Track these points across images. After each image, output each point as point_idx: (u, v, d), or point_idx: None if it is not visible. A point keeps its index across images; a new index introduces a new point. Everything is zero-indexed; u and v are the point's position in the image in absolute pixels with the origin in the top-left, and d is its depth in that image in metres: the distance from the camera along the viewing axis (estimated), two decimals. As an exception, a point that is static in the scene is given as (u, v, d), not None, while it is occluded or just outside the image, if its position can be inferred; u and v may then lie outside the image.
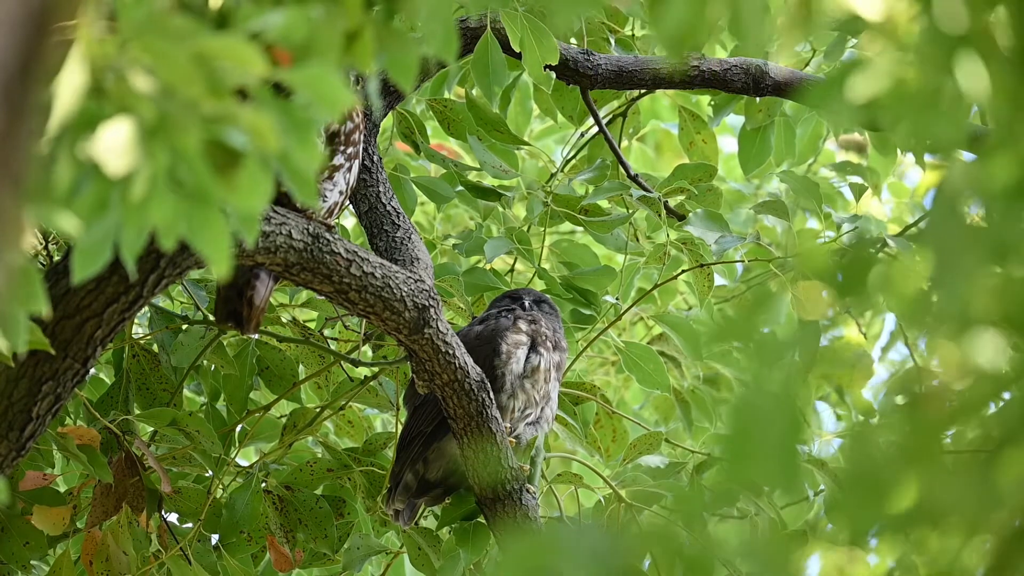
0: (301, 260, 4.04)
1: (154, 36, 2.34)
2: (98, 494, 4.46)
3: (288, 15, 2.44)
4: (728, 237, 4.78)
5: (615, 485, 4.67)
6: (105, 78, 2.38)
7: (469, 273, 5.06)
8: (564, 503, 4.72)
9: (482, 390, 4.35)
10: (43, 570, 4.68)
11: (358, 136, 4.23)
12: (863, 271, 2.19)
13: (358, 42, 2.55)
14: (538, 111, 5.52)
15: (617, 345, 5.01)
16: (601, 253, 5.39)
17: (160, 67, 2.36)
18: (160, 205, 2.41)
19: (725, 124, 6.31)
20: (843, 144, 6.62)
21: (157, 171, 2.39)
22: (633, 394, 6.52)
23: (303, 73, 2.43)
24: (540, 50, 4.53)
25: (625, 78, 4.91)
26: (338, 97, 2.44)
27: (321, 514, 4.68)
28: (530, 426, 4.55)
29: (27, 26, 2.18)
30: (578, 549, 2.19)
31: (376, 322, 4.20)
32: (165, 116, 2.38)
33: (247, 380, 4.82)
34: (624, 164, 5.13)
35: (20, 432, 3.88)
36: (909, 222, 6.75)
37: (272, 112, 2.43)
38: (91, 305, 3.87)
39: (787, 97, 4.90)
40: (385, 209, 4.61)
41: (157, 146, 2.39)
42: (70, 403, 4.51)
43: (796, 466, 2.19)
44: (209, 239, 2.46)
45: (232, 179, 2.42)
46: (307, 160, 2.47)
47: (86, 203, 2.42)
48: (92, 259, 2.47)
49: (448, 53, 2.64)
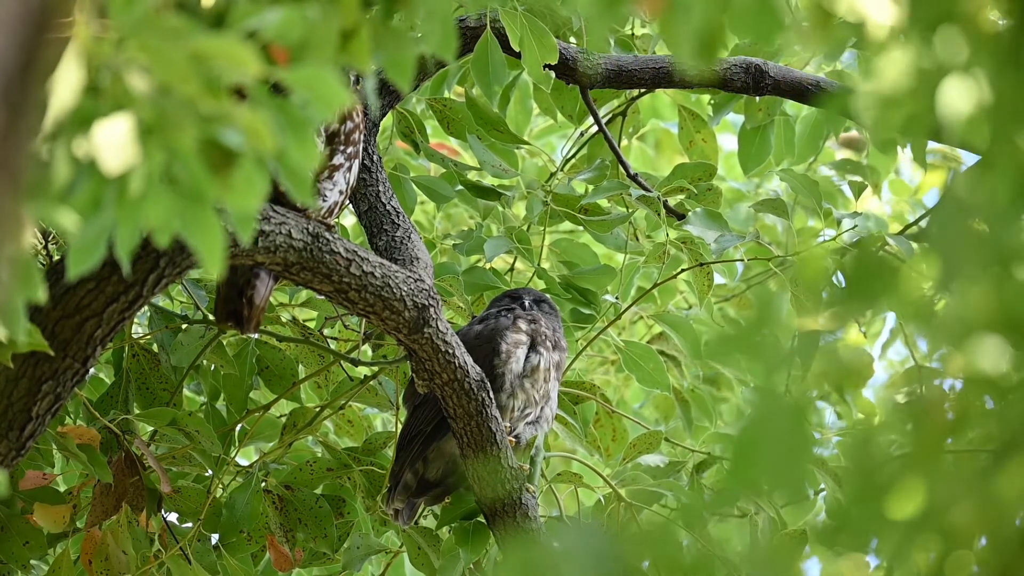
0: (301, 259, 4.04)
1: (150, 35, 2.34)
2: (98, 493, 4.46)
3: (284, 14, 2.43)
4: (728, 236, 4.78)
5: (615, 484, 4.67)
6: (101, 76, 2.38)
7: (469, 272, 5.06)
8: (564, 502, 4.72)
9: (482, 389, 4.35)
10: (43, 569, 4.68)
11: (358, 136, 4.23)
12: (866, 276, 2.19)
13: (354, 41, 2.55)
14: (538, 110, 5.51)
15: (617, 344, 5.01)
16: (601, 252, 5.38)
17: (156, 66, 2.36)
18: (155, 204, 2.41)
19: (725, 122, 6.31)
20: (843, 142, 6.62)
21: (152, 169, 2.39)
22: (633, 393, 6.52)
23: (300, 72, 2.43)
24: (540, 49, 4.53)
25: (624, 77, 4.91)
26: (335, 96, 2.44)
27: (321, 513, 4.68)
28: (530, 425, 4.55)
29: (27, 26, 2.18)
30: (578, 549, 2.19)
31: (376, 321, 4.20)
32: (161, 115, 2.38)
33: (247, 380, 4.82)
34: (624, 163, 5.12)
35: (20, 432, 3.88)
36: (910, 220, 6.75)
37: (268, 111, 2.42)
38: (91, 305, 3.87)
39: (788, 97, 4.90)
40: (385, 208, 4.61)
41: (153, 144, 2.39)
42: (70, 403, 4.51)
43: (805, 477, 2.19)
44: (203, 238, 2.46)
45: (227, 178, 2.42)
46: (304, 159, 2.47)
47: (81, 201, 2.42)
48: (87, 256, 2.48)
49: (447, 52, 2.64)
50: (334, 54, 2.48)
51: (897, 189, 7.23)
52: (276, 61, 2.46)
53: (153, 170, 2.40)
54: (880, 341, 6.89)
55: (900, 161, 7.04)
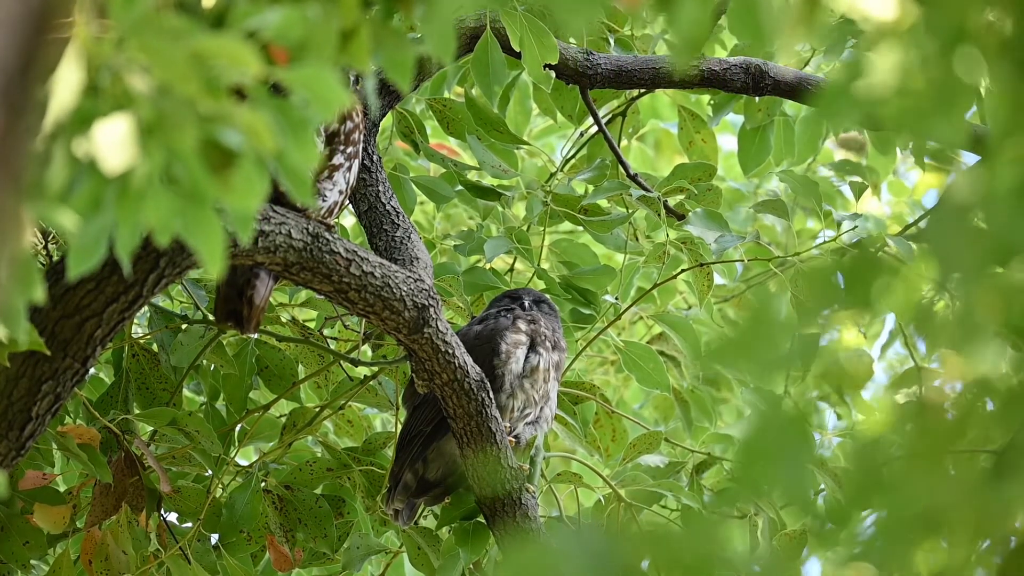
0: (301, 259, 4.04)
1: (150, 35, 2.34)
2: (98, 493, 4.46)
3: (284, 14, 2.43)
4: (727, 236, 4.78)
5: (615, 484, 4.67)
6: (101, 76, 2.38)
7: (468, 272, 5.06)
8: (564, 502, 4.72)
9: (481, 390, 4.35)
10: (43, 569, 4.68)
11: (358, 136, 4.23)
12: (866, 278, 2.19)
13: (354, 41, 2.55)
14: (538, 110, 5.52)
15: (617, 344, 5.01)
16: (600, 252, 5.38)
17: (156, 66, 2.36)
18: (155, 204, 2.41)
19: (725, 122, 6.31)
20: (842, 143, 6.62)
21: (153, 169, 2.39)
22: (633, 393, 6.52)
23: (300, 72, 2.43)
24: (539, 49, 4.53)
25: (624, 77, 4.91)
26: (335, 96, 2.44)
27: (321, 513, 4.68)
28: (529, 426, 4.55)
29: (27, 26, 2.18)
30: (578, 549, 2.19)
31: (376, 321, 4.20)
32: (161, 115, 2.38)
33: (247, 380, 4.82)
34: (623, 163, 5.12)
35: (20, 431, 3.88)
36: (909, 221, 6.75)
37: (268, 111, 2.42)
38: (91, 304, 3.87)
39: (788, 97, 4.90)
40: (385, 208, 4.61)
41: (153, 144, 2.39)
42: (70, 402, 4.51)
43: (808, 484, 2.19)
44: (204, 238, 2.46)
45: (227, 179, 2.42)
46: (304, 160, 2.47)
47: (81, 201, 2.42)
48: (87, 256, 2.48)
49: (446, 53, 2.64)
50: (334, 54, 2.48)
51: (896, 190, 7.23)
52: (276, 61, 2.46)
53: (153, 170, 2.40)
54: (879, 343, 6.89)
55: (899, 162, 7.04)
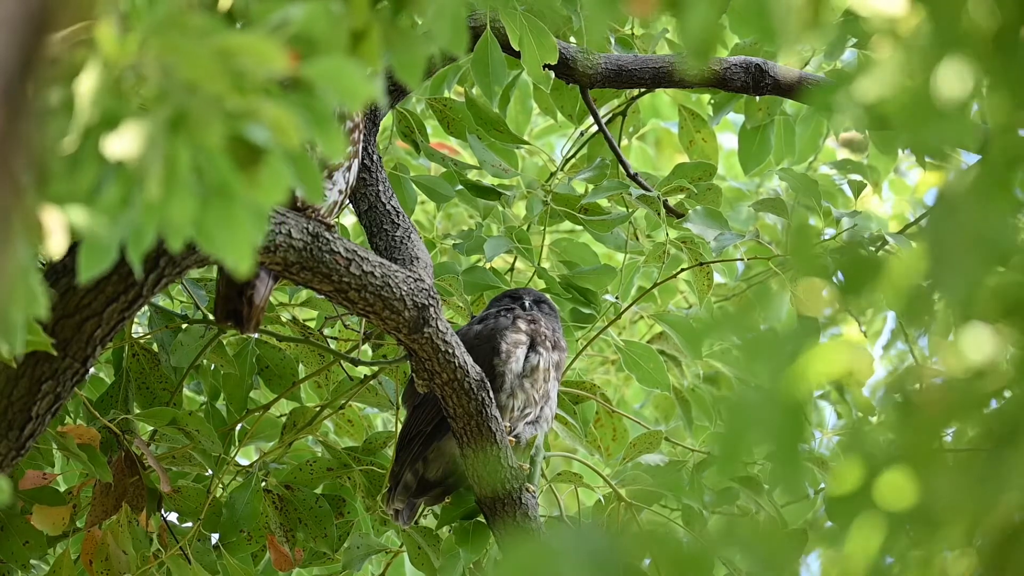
0: (301, 259, 4.04)
1: (175, 33, 2.33)
2: (98, 493, 4.46)
3: (308, 9, 2.42)
4: (728, 235, 4.78)
5: (615, 484, 4.67)
6: (126, 76, 2.37)
7: (469, 272, 5.06)
8: (564, 502, 4.72)
9: (482, 389, 4.35)
10: (43, 569, 4.68)
11: (357, 135, 4.23)
12: (863, 270, 2.19)
13: (365, 41, 2.54)
14: (538, 110, 5.51)
15: (617, 344, 5.00)
16: (601, 252, 5.38)
17: (183, 64, 2.35)
18: (181, 203, 2.38)
19: (726, 121, 6.31)
20: (844, 143, 6.62)
21: (179, 168, 2.37)
22: (633, 393, 6.52)
23: (322, 65, 2.41)
24: (539, 49, 4.53)
25: (624, 77, 4.91)
26: (359, 89, 2.42)
27: (321, 513, 4.68)
28: (529, 425, 4.55)
29: (27, 26, 2.18)
30: (578, 549, 2.19)
31: (376, 321, 4.20)
32: (187, 113, 2.36)
33: (247, 379, 4.82)
34: (624, 163, 5.12)
35: (20, 431, 3.88)
36: (910, 220, 6.75)
37: (294, 107, 2.40)
38: (91, 304, 3.87)
39: (788, 96, 4.90)
40: (385, 208, 4.61)
41: (179, 143, 2.37)
42: (70, 402, 4.51)
43: (796, 462, 2.18)
44: (232, 237, 2.43)
45: (255, 175, 2.40)
46: (332, 153, 2.44)
47: (109, 201, 2.39)
48: (99, 258, 2.43)
49: (458, 47, 2.63)
50: (345, 54, 2.46)
51: (897, 189, 7.23)
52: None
53: (180, 169, 2.38)
54: (881, 341, 6.89)
55: (900, 161, 7.04)
